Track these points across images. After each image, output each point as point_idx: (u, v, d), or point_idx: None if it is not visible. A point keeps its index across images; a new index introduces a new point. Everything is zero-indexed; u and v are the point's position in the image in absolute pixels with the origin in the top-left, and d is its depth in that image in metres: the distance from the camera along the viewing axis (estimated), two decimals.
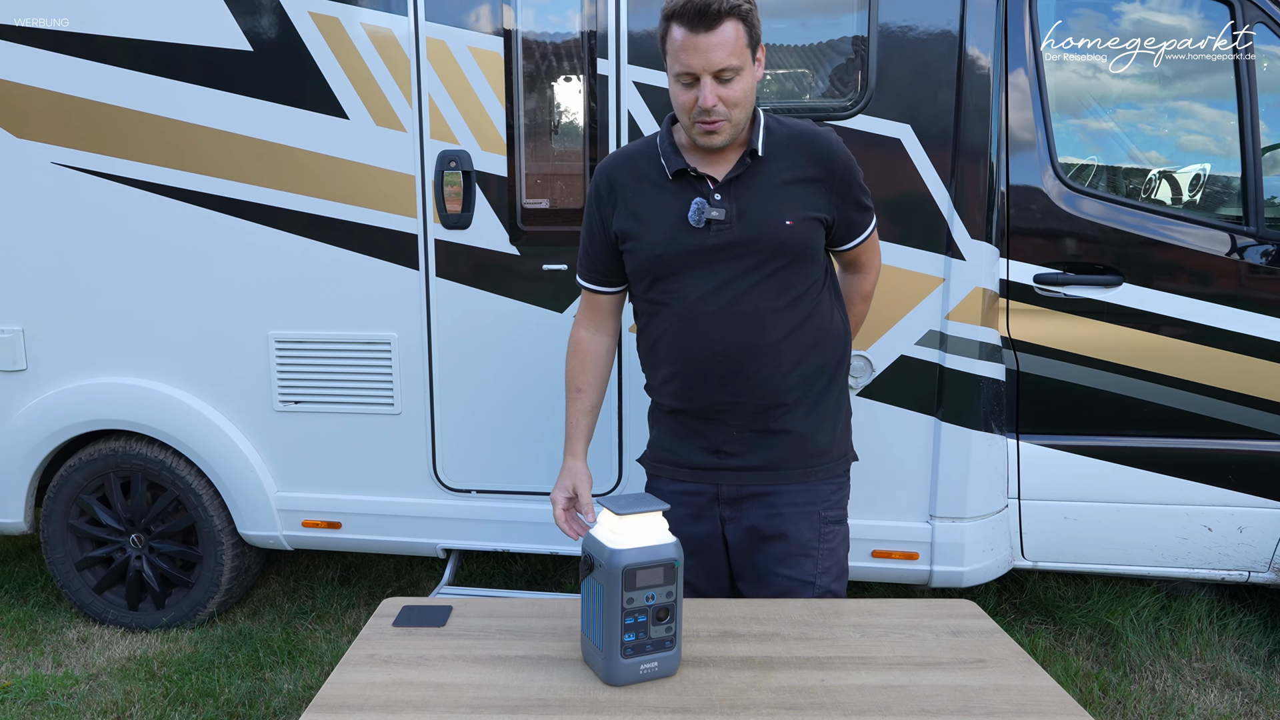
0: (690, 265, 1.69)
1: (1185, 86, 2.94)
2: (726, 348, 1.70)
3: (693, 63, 1.56)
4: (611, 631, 1.27)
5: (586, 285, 1.88)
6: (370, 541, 3.04)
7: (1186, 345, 2.74)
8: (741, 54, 1.57)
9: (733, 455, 1.76)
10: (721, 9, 1.52)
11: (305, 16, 2.73)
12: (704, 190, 1.69)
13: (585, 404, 1.87)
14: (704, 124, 1.61)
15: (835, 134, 1.75)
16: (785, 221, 1.67)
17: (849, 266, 1.93)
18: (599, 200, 1.79)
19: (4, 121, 2.91)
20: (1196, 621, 3.09)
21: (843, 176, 1.73)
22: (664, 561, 1.29)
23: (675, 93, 1.63)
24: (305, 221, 2.84)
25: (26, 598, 3.46)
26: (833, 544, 1.80)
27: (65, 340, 3.02)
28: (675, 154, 1.70)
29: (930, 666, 1.36)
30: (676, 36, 1.57)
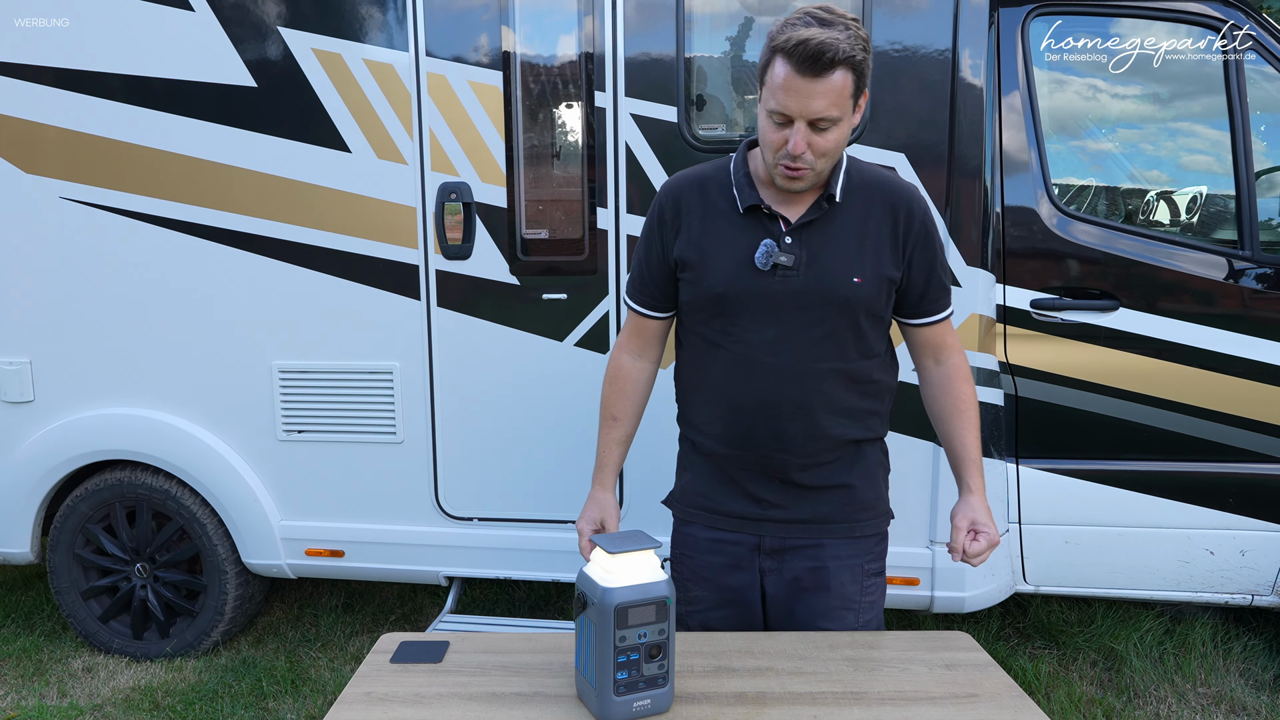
0: (750, 308, 1.61)
1: (1178, 109, 2.97)
2: (779, 401, 1.63)
3: (790, 105, 1.46)
4: (604, 669, 1.28)
5: (637, 308, 1.77)
6: (373, 570, 3.06)
7: (1184, 369, 2.75)
8: (843, 104, 1.47)
9: (776, 507, 1.69)
10: (836, 58, 1.42)
11: (309, 53, 2.78)
12: (775, 231, 1.60)
13: (620, 433, 1.79)
14: (788, 168, 1.52)
15: (918, 191, 1.67)
16: (854, 278, 1.59)
17: (933, 352, 1.74)
18: (662, 222, 1.70)
19: (14, 158, 2.96)
20: (1201, 646, 3.08)
21: (919, 236, 1.63)
22: (656, 599, 1.30)
23: (764, 126, 1.53)
24: (308, 253, 2.88)
25: (32, 627, 3.48)
26: (874, 596, 1.74)
27: (72, 371, 3.05)
28: (750, 186, 1.62)
29: (923, 701, 1.37)
30: (779, 73, 1.46)
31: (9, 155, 2.97)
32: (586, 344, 2.80)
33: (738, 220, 1.63)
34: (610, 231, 2.74)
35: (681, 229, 1.67)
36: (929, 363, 1.76)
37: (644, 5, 2.64)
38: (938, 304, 1.70)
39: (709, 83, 2.73)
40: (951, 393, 1.73)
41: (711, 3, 2.66)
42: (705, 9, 2.66)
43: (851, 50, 1.43)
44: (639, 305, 1.77)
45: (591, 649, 1.30)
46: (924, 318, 1.71)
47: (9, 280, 3.02)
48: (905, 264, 1.64)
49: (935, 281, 1.68)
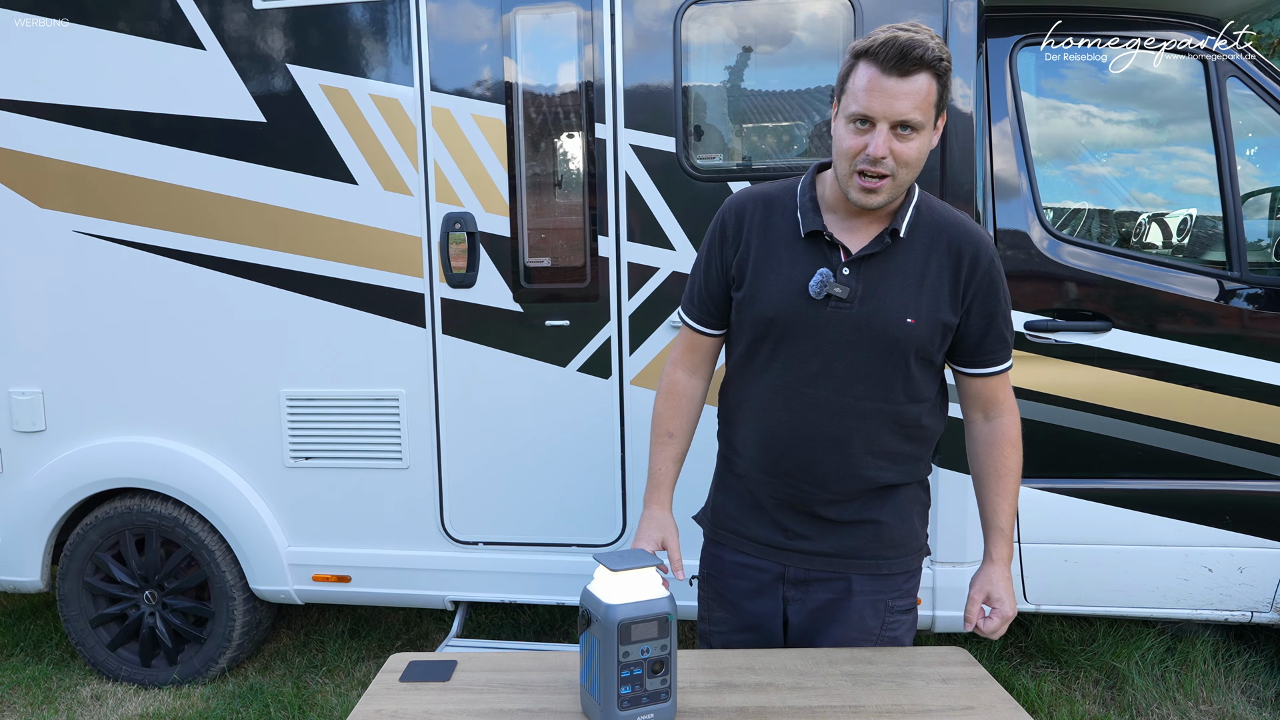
0: (798, 336, 1.58)
1: (1165, 134, 3.04)
2: (814, 435, 1.60)
3: (873, 106, 1.43)
4: (608, 684, 1.32)
5: (692, 324, 1.74)
6: (379, 595, 3.09)
7: (1177, 388, 2.80)
8: (928, 111, 1.45)
9: (802, 538, 1.67)
10: (924, 57, 1.41)
11: (316, 89, 2.86)
12: (834, 260, 1.57)
13: (675, 450, 1.75)
14: (865, 176, 1.48)
15: (987, 236, 1.61)
16: (907, 319, 1.55)
17: (983, 406, 1.70)
18: (723, 238, 1.67)
19: (28, 193, 3.04)
20: (1202, 663, 3.09)
21: (981, 284, 1.58)
22: (658, 615, 1.34)
23: (842, 136, 1.49)
24: (316, 283, 2.94)
25: (41, 655, 3.50)
26: (897, 633, 1.69)
27: (83, 401, 3.11)
28: (814, 211, 1.59)
29: (920, 714, 1.40)
30: (863, 75, 1.44)
31: (23, 190, 3.04)
32: (589, 369, 2.86)
33: (798, 245, 1.60)
34: (611, 259, 2.81)
35: (741, 246, 1.64)
36: (978, 416, 1.71)
37: (642, 39, 2.72)
38: (994, 356, 1.64)
39: (707, 112, 2.81)
40: (995, 456, 1.68)
41: (707, 33, 2.74)
42: (701, 39, 2.74)
43: (939, 53, 1.43)
44: (694, 321, 1.74)
45: (596, 665, 1.34)
46: (978, 368, 1.66)
47: (22, 312, 3.09)
48: (964, 310, 1.59)
49: (994, 332, 1.63)
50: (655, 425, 1.77)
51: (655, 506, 1.74)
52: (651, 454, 1.77)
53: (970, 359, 1.65)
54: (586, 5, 2.74)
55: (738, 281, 1.65)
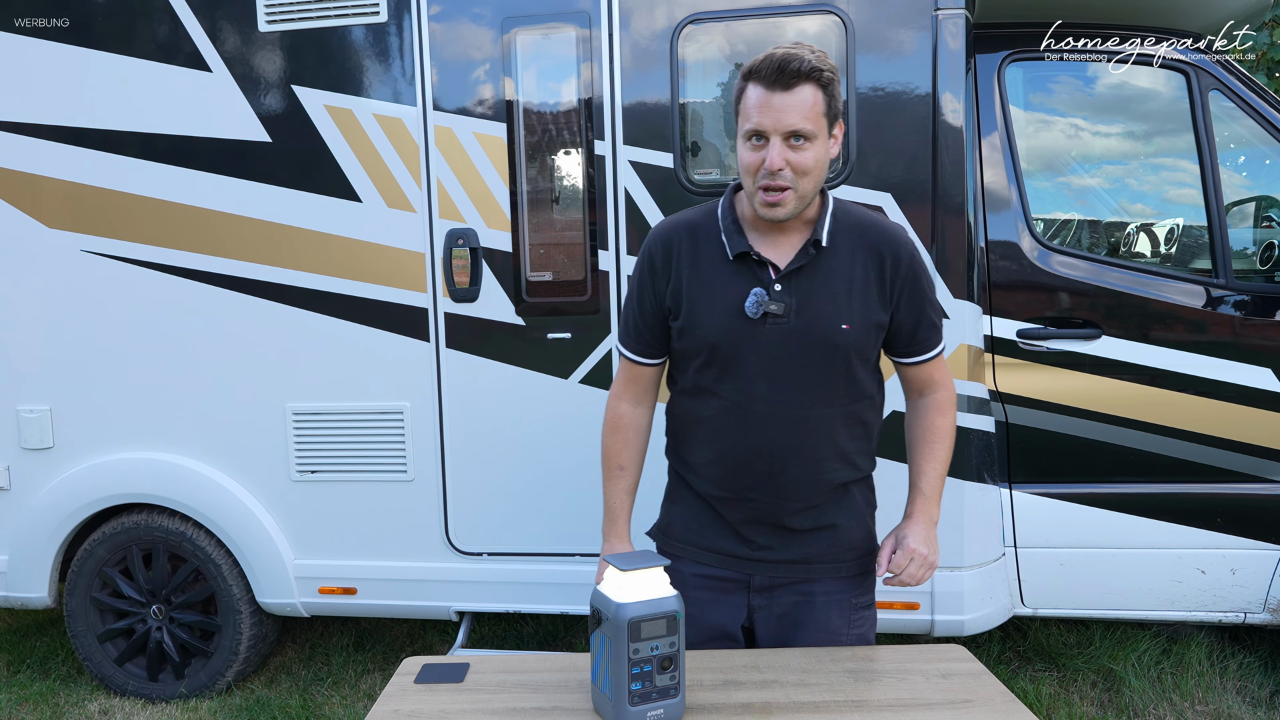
0: (743, 357, 1.63)
1: (1150, 146, 3.12)
2: (774, 449, 1.65)
3: (764, 121, 1.51)
4: (619, 681, 1.36)
5: (631, 356, 1.78)
6: (385, 606, 3.12)
7: (1167, 393, 2.86)
8: (817, 121, 1.52)
9: (766, 548, 1.72)
10: (802, 69, 1.48)
11: (321, 109, 2.92)
12: (765, 278, 1.62)
13: (628, 483, 1.79)
14: (767, 190, 1.54)
15: (904, 232, 1.69)
16: (842, 325, 1.61)
17: (920, 388, 1.78)
18: (652, 271, 1.71)
19: (37, 213, 3.09)
20: (1197, 664, 3.14)
21: (906, 279, 1.65)
22: (666, 614, 1.39)
23: (743, 154, 1.56)
24: (321, 299, 2.99)
25: (48, 671, 3.52)
26: (862, 629, 1.76)
27: (90, 418, 3.15)
28: (738, 233, 1.64)
29: (920, 707, 1.45)
30: (751, 95, 1.52)
31: (31, 211, 3.10)
32: (591, 381, 2.91)
33: (727, 268, 1.64)
34: (611, 272, 2.86)
35: (672, 277, 1.68)
36: (915, 396, 1.81)
37: (640, 57, 2.79)
38: (927, 343, 1.73)
39: (704, 129, 2.87)
40: (924, 422, 1.76)
41: (703, 52, 2.80)
42: (698, 58, 2.80)
43: (818, 64, 1.49)
44: (633, 354, 1.78)
45: (607, 662, 1.38)
46: (914, 357, 1.73)
47: (30, 330, 3.13)
48: (893, 307, 1.66)
49: (925, 322, 1.70)
50: (605, 460, 1.81)
51: (614, 539, 1.79)
52: (605, 489, 1.80)
53: (906, 350, 1.73)
54: (585, 24, 2.81)
55: (674, 312, 1.69)
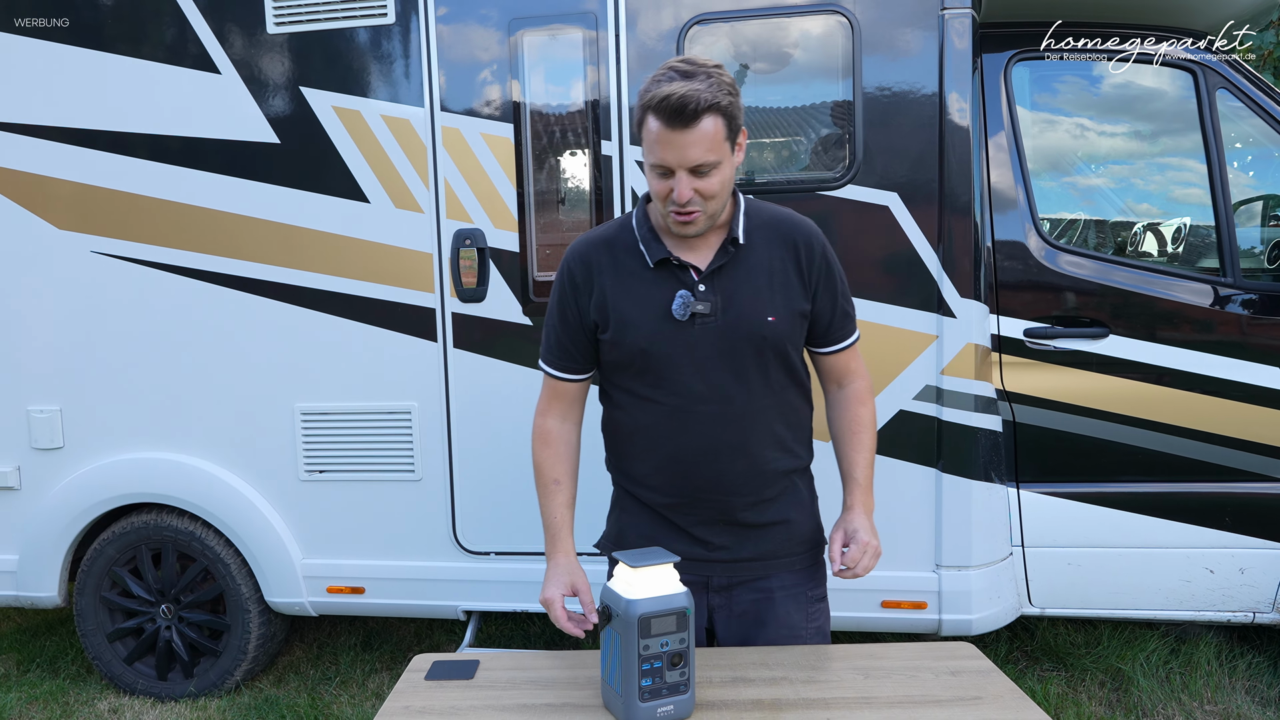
0: (676, 359, 1.65)
1: (1157, 146, 3.12)
2: (718, 446, 1.67)
3: (667, 158, 1.51)
4: (630, 677, 1.37)
5: (556, 374, 1.78)
6: (393, 605, 3.13)
7: (1175, 392, 2.85)
8: (719, 149, 1.52)
9: (722, 548, 1.73)
10: (700, 108, 1.47)
11: (329, 110, 2.93)
12: (687, 280, 1.64)
13: (565, 497, 1.79)
14: (678, 214, 1.57)
15: (815, 225, 1.73)
16: (768, 318, 1.64)
17: (837, 378, 1.82)
18: (574, 287, 1.71)
19: (48, 215, 3.11)
20: (1206, 664, 3.13)
21: (820, 269, 1.69)
22: (676, 610, 1.39)
23: (650, 180, 1.58)
24: (329, 299, 3.00)
25: (58, 671, 3.54)
26: (819, 622, 1.79)
27: (100, 418, 3.16)
28: (655, 240, 1.66)
29: (929, 704, 1.45)
30: (653, 128, 1.51)
31: (42, 212, 3.11)
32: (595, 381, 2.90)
33: (649, 276, 1.65)
34: None
35: (594, 290, 1.68)
36: (834, 387, 1.83)
37: (646, 58, 2.80)
38: (842, 332, 1.76)
39: None
40: (849, 414, 1.79)
41: (709, 52, 2.81)
42: None
43: (714, 98, 1.48)
44: (557, 370, 1.77)
45: (617, 659, 1.39)
46: (830, 346, 1.77)
47: (41, 331, 3.15)
48: (811, 296, 1.70)
49: (839, 311, 1.74)
50: (540, 475, 1.81)
51: (560, 555, 1.76)
52: (542, 505, 1.80)
53: (823, 340, 1.76)
54: (591, 25, 2.82)
55: (602, 325, 1.69)
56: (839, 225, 2.75)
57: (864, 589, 2.86)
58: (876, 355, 2.77)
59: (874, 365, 2.75)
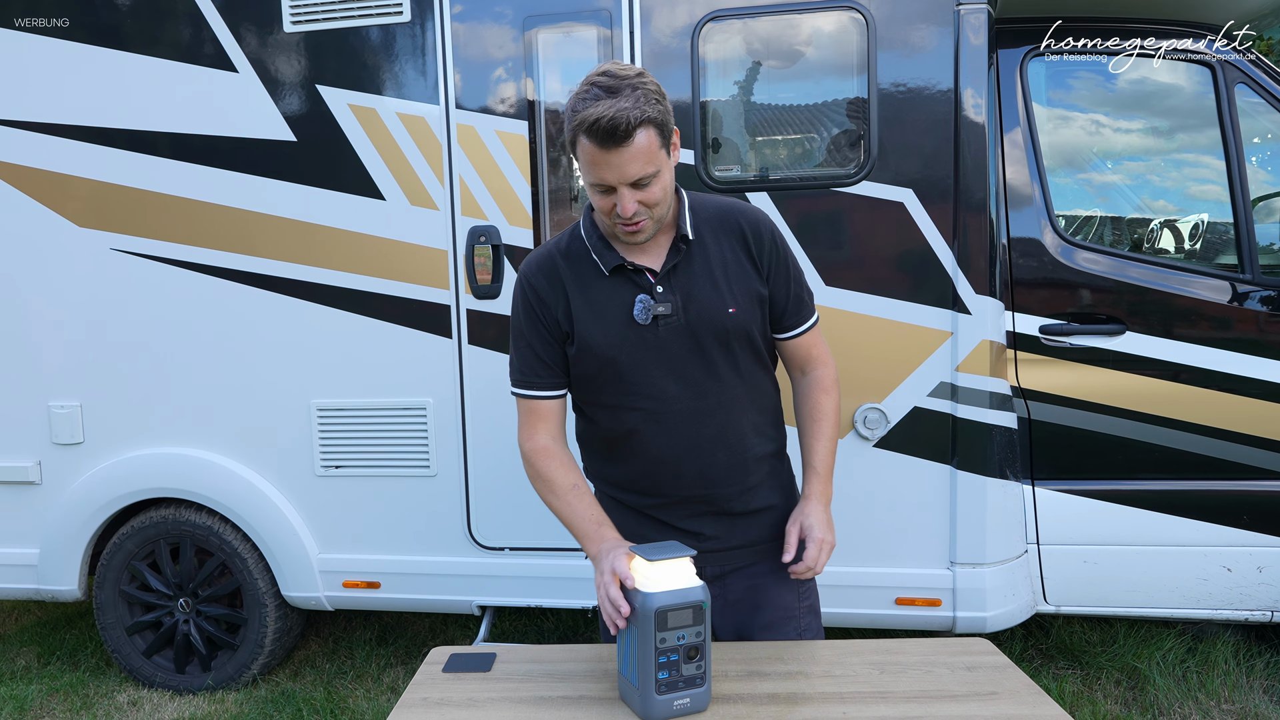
0: (645, 363, 1.65)
1: (1175, 142, 3.10)
2: (699, 442, 1.68)
3: (606, 176, 1.50)
4: (646, 670, 1.37)
5: (533, 395, 1.71)
6: (408, 600, 3.15)
7: (1193, 390, 2.84)
8: (655, 158, 1.50)
9: (711, 539, 1.74)
10: (631, 126, 1.44)
11: (345, 109, 2.95)
12: (644, 284, 1.64)
13: (591, 496, 1.70)
14: (625, 226, 1.57)
15: (761, 212, 1.72)
16: (729, 309, 1.64)
17: (800, 364, 1.81)
18: (540, 302, 1.68)
19: (67, 212, 3.14)
20: (1223, 663, 3.11)
21: (771, 254, 1.69)
22: (693, 603, 1.40)
23: (593, 197, 1.57)
24: (345, 296, 3.02)
25: (78, 663, 3.58)
26: (810, 600, 1.81)
27: (120, 413, 3.20)
28: (607, 248, 1.65)
29: (945, 699, 1.45)
30: (586, 148, 1.48)
31: (62, 210, 3.15)
32: None
33: (606, 284, 1.65)
34: None
35: (559, 301, 1.67)
36: (798, 374, 1.83)
37: (660, 55, 2.80)
38: (799, 316, 1.75)
39: (724, 126, 2.88)
40: (811, 400, 1.78)
41: (722, 49, 2.81)
42: (717, 56, 2.81)
43: (644, 113, 1.45)
44: (536, 391, 1.71)
45: (634, 652, 1.40)
46: (789, 331, 1.76)
47: (62, 327, 3.19)
48: (766, 280, 1.69)
49: (794, 295, 1.73)
50: (553, 487, 1.69)
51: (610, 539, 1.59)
52: (568, 513, 1.66)
53: (781, 324, 1.75)
54: (606, 23, 2.83)
55: (570, 336, 1.68)
56: (853, 222, 2.75)
57: (878, 586, 2.87)
58: (891, 351, 2.77)
59: (888, 361, 2.76)
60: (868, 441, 2.81)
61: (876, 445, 2.82)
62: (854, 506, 2.82)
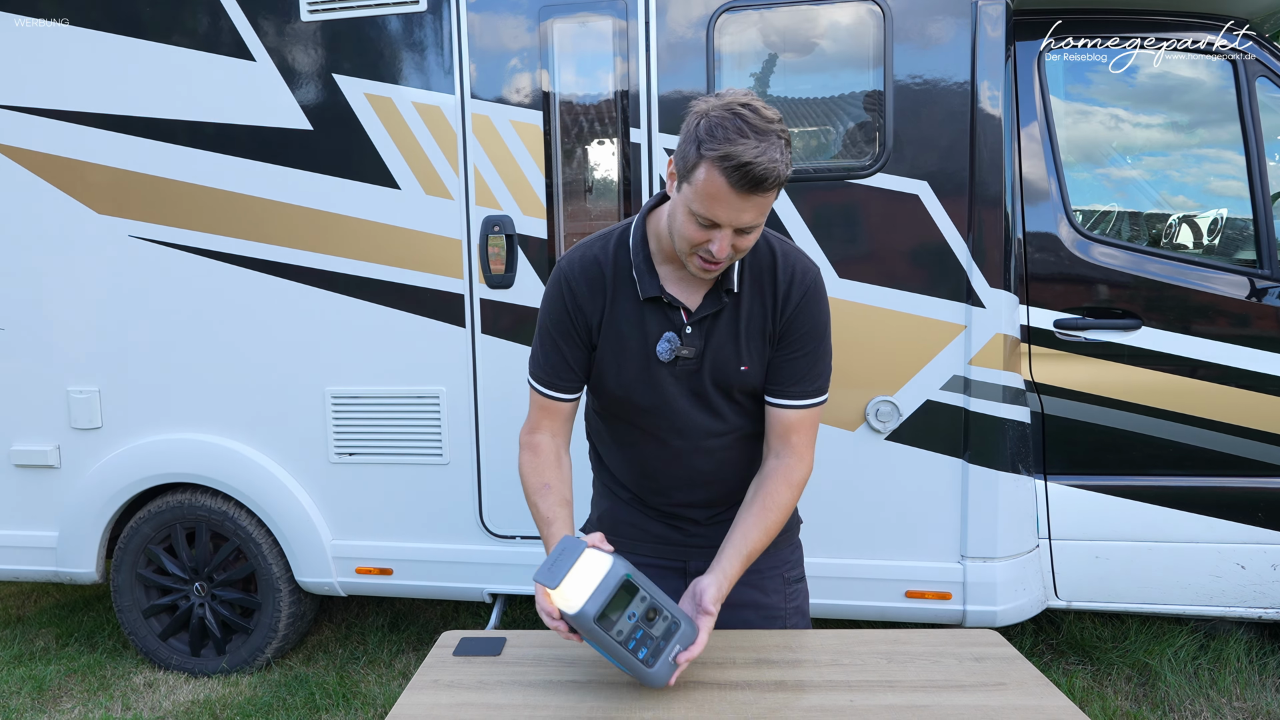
0: (655, 396, 1.63)
1: (1195, 137, 3.07)
2: (691, 476, 1.69)
3: (719, 215, 1.41)
4: (625, 658, 1.38)
5: (550, 394, 1.68)
6: (420, 587, 3.17)
7: (1208, 385, 2.82)
8: (767, 210, 1.46)
9: (698, 535, 1.74)
10: (776, 181, 1.39)
11: (361, 97, 2.97)
12: (676, 321, 1.59)
13: (558, 497, 1.65)
14: (704, 262, 1.49)
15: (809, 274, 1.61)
16: (741, 367, 1.61)
17: (777, 439, 1.65)
18: (578, 307, 1.63)
19: (86, 199, 3.17)
20: (1235, 660, 3.09)
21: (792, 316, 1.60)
22: (618, 586, 1.38)
23: (684, 223, 1.46)
24: (359, 284, 3.05)
25: (95, 645, 3.63)
26: (797, 601, 1.80)
27: (137, 399, 3.23)
28: (649, 273, 1.59)
29: (953, 689, 1.45)
30: (711, 182, 1.39)
31: (82, 197, 3.18)
32: None
33: (637, 309, 1.60)
34: None
35: (597, 311, 1.63)
36: (770, 450, 1.67)
37: (675, 46, 2.80)
38: (796, 390, 1.62)
39: None
40: (766, 489, 1.62)
41: (738, 41, 2.81)
42: (733, 48, 2.81)
43: (787, 169, 1.40)
44: (552, 390, 1.68)
45: (606, 651, 1.40)
46: (777, 399, 1.64)
47: (81, 313, 3.22)
48: (776, 341, 1.62)
49: (799, 369, 1.62)
50: (527, 484, 1.68)
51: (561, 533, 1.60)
52: (534, 511, 1.66)
53: (773, 389, 1.65)
54: (621, 14, 2.83)
55: (597, 344, 1.65)
56: (868, 213, 2.75)
57: (888, 578, 2.87)
58: (904, 344, 2.76)
59: (901, 354, 2.76)
60: (879, 434, 2.81)
61: (888, 438, 2.82)
62: (864, 499, 2.82)
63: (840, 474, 2.82)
